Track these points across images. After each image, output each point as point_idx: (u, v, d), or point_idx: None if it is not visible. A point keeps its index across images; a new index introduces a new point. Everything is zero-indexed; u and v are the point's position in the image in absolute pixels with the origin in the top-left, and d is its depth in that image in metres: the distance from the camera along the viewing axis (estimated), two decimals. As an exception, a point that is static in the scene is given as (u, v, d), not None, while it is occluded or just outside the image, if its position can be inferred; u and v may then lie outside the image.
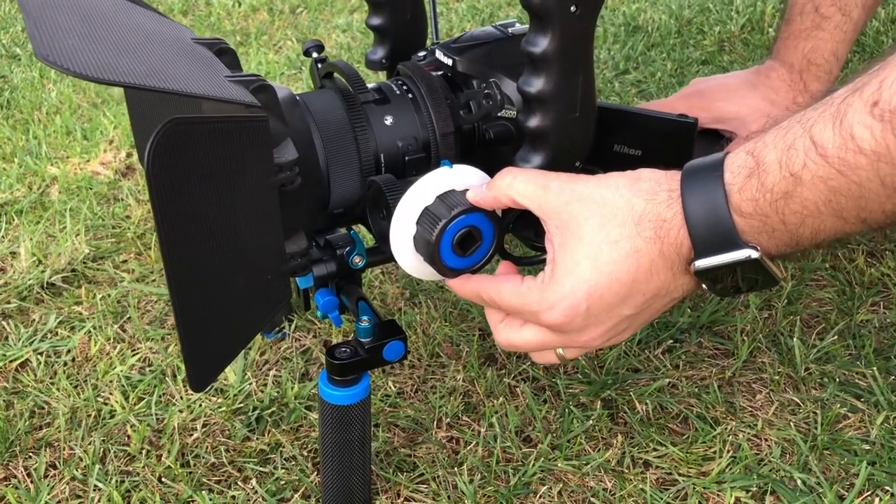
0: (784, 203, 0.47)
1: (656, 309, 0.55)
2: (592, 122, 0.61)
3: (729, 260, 0.50)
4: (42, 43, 0.43)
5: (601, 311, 0.53)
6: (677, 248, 0.51)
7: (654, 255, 0.51)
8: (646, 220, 0.51)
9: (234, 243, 0.51)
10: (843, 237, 0.49)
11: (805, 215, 0.47)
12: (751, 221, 0.49)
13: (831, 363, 0.81)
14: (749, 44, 1.45)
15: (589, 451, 0.74)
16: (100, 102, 1.49)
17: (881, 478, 0.69)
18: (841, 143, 0.44)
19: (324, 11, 1.86)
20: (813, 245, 0.50)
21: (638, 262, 0.51)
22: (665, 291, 0.53)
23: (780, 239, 0.49)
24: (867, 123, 0.43)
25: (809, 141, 0.46)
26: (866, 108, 0.43)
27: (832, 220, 0.47)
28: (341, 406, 0.64)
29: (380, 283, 0.96)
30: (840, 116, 0.44)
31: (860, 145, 0.43)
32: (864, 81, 0.44)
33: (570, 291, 0.52)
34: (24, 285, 0.99)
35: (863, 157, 0.44)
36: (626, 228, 0.52)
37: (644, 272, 0.52)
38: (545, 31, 0.56)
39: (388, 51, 0.74)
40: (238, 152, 0.49)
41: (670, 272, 0.52)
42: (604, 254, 0.52)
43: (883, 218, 0.46)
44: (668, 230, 0.51)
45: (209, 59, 0.57)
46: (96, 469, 0.75)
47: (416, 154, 0.63)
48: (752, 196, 0.48)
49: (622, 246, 0.51)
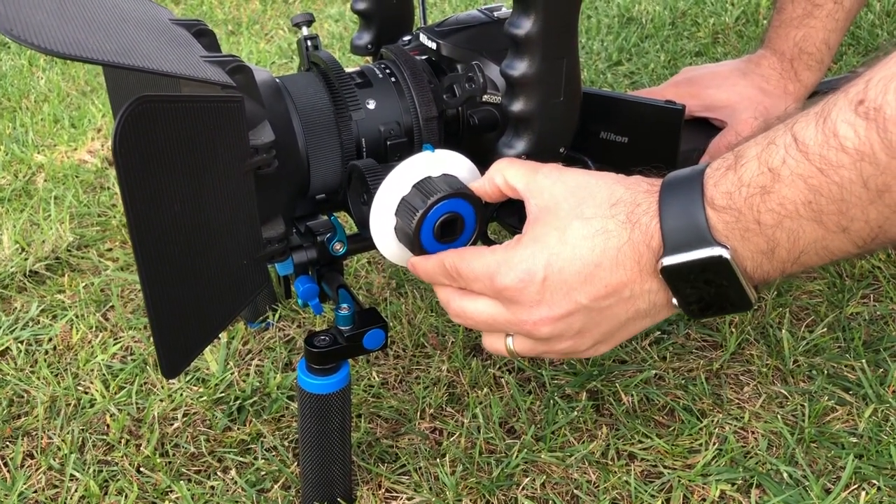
0: (760, 199, 0.45)
1: (616, 314, 0.52)
2: (577, 107, 0.60)
3: (697, 258, 0.47)
4: (6, 17, 0.42)
5: (557, 287, 0.51)
6: (647, 238, 0.49)
7: (623, 240, 0.50)
8: (621, 203, 0.50)
9: (208, 226, 0.50)
10: (824, 255, 0.46)
11: (783, 216, 0.45)
12: (723, 217, 0.47)
13: (820, 356, 0.80)
14: (743, 35, 1.44)
15: (573, 443, 0.73)
16: (88, 91, 1.47)
17: (868, 471, 0.68)
18: (823, 140, 0.43)
19: (316, 1, 1.84)
20: (792, 259, 0.47)
21: (605, 243, 0.50)
22: (629, 292, 0.51)
23: (755, 243, 0.47)
24: (851, 121, 0.41)
25: (791, 137, 0.44)
26: (851, 107, 0.42)
27: (811, 225, 0.44)
28: (320, 395, 0.63)
29: (366, 272, 0.95)
30: (824, 115, 0.43)
31: (843, 143, 0.42)
32: (852, 83, 0.43)
33: (530, 255, 0.51)
34: (6, 273, 0.98)
35: (845, 155, 0.42)
36: (601, 209, 0.50)
37: (610, 258, 0.50)
38: (528, 13, 0.55)
39: (373, 36, 0.72)
40: (212, 133, 0.48)
41: (637, 266, 0.50)
42: (573, 228, 0.51)
43: (866, 229, 0.43)
44: (640, 217, 0.49)
45: (186, 40, 0.56)
46: (73, 458, 0.74)
47: (399, 139, 0.62)
48: (727, 189, 0.46)
49: (592, 224, 0.50)
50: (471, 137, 0.65)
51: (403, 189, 0.56)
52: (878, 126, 0.40)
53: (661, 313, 0.53)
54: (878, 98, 0.40)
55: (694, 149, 0.77)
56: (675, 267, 0.48)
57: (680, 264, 0.48)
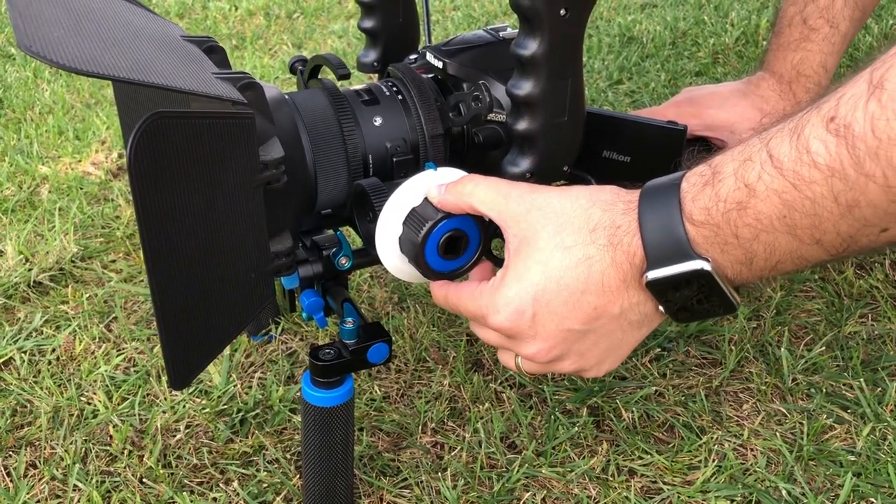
0: (737, 215, 0.46)
1: (611, 331, 0.53)
2: (581, 126, 0.61)
3: (679, 271, 0.48)
4: (25, 33, 0.43)
5: (548, 320, 0.52)
6: (630, 257, 0.50)
7: (607, 263, 0.50)
8: (601, 227, 0.51)
9: (218, 240, 0.50)
10: (800, 263, 0.47)
11: (759, 230, 0.46)
12: (702, 231, 0.48)
13: (818, 374, 0.81)
14: (743, 56, 1.45)
15: (574, 459, 0.74)
16: (93, 103, 1.49)
17: (866, 489, 0.69)
18: (797, 156, 0.44)
19: (320, 17, 1.86)
20: (769, 268, 0.48)
21: (589, 269, 0.50)
22: (619, 308, 0.52)
23: (734, 255, 0.48)
24: (822, 138, 0.42)
25: (766, 154, 0.45)
26: (823, 123, 0.43)
27: (787, 238, 0.46)
28: (324, 408, 0.63)
29: (368, 286, 0.96)
30: (798, 131, 0.44)
31: (815, 160, 0.43)
32: (824, 99, 0.44)
33: (515, 295, 0.52)
34: (9, 283, 0.98)
35: (817, 171, 0.43)
36: (581, 236, 0.51)
37: (595, 283, 0.51)
38: (535, 34, 0.56)
39: (379, 53, 0.74)
40: (223, 149, 0.49)
41: (622, 284, 0.51)
42: (555, 259, 0.51)
43: (838, 241, 0.45)
44: (622, 238, 0.50)
45: (197, 56, 0.57)
46: (76, 469, 0.74)
47: (405, 155, 0.63)
48: (705, 205, 0.47)
49: (574, 252, 0.51)
50: (475, 155, 0.65)
51: (407, 207, 0.57)
52: (847, 143, 0.41)
53: (654, 320, 0.54)
54: (848, 115, 0.41)
55: (694, 168, 0.78)
56: (659, 280, 0.49)
57: (664, 277, 0.49)
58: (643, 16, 1.66)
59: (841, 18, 0.82)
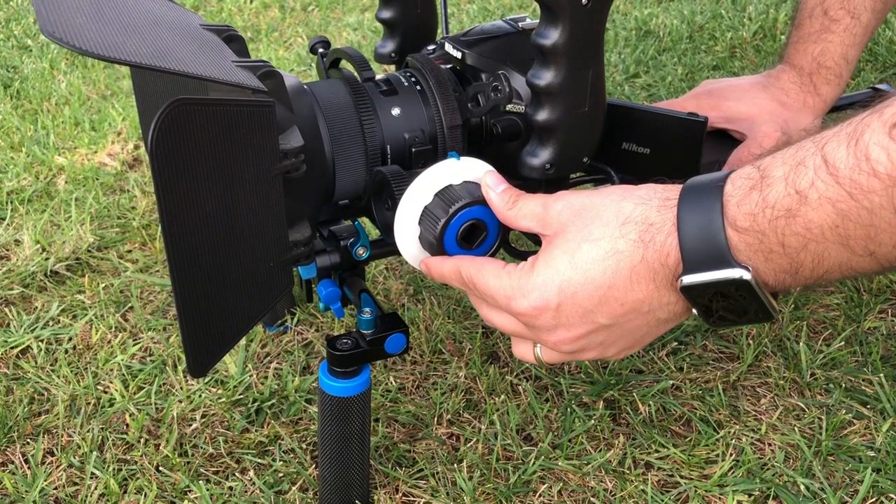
0: (785, 223, 0.44)
1: (638, 327, 0.52)
2: (601, 117, 0.61)
3: (717, 278, 0.46)
4: (48, 20, 0.43)
5: (573, 312, 0.51)
6: (663, 257, 0.48)
7: (636, 260, 0.49)
8: (631, 222, 0.50)
9: (237, 228, 0.50)
10: (848, 273, 0.45)
11: (808, 239, 0.44)
12: (746, 238, 0.46)
13: (837, 369, 0.80)
14: (761, 50, 1.44)
15: (590, 451, 0.74)
16: (109, 95, 1.49)
17: (886, 485, 0.68)
18: (854, 163, 0.41)
19: (335, 9, 1.86)
20: (815, 277, 0.46)
21: (617, 264, 0.49)
22: (647, 307, 0.50)
23: (778, 264, 0.46)
24: (884, 145, 0.40)
25: (821, 159, 0.43)
26: (885, 130, 0.41)
27: (837, 248, 0.43)
28: (341, 398, 0.63)
29: (384, 278, 0.96)
30: (856, 136, 0.42)
31: (875, 168, 0.41)
32: (886, 104, 0.42)
33: (542, 283, 0.51)
34: (26, 272, 0.99)
35: (877, 180, 0.41)
36: (609, 229, 0.50)
37: (623, 278, 0.49)
38: (556, 24, 0.56)
39: (397, 44, 0.73)
40: (243, 137, 0.49)
41: (653, 284, 0.49)
42: (582, 251, 0.50)
43: (893, 253, 0.42)
44: (654, 235, 0.49)
45: (217, 45, 0.57)
46: (94, 456, 0.75)
47: (423, 146, 0.63)
48: (751, 210, 0.45)
49: (602, 245, 0.50)
50: (494, 146, 0.65)
51: (428, 196, 0.57)
52: None
53: (683, 317, 0.53)
54: None
55: (715, 160, 0.77)
56: (695, 286, 0.48)
57: (700, 283, 0.47)
58: (660, 9, 1.65)
59: (863, 9, 0.81)
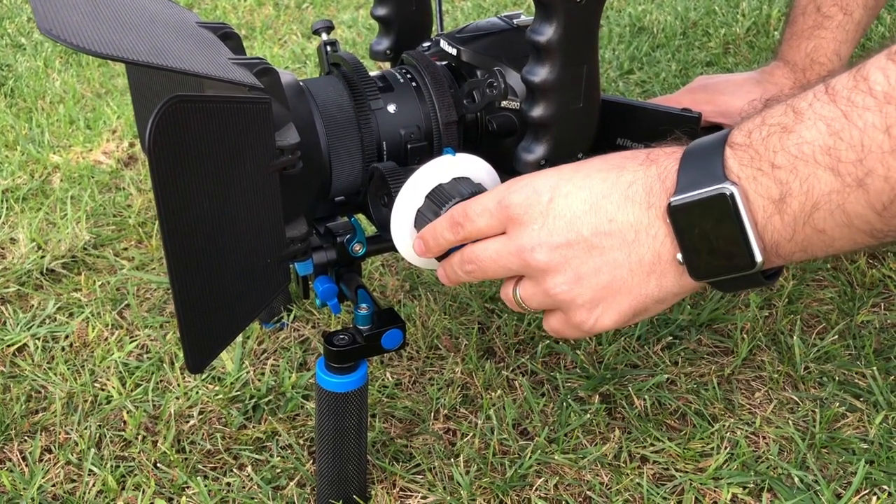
0: (778, 139, 0.44)
1: (617, 263, 0.50)
2: (596, 113, 0.61)
3: (704, 195, 0.46)
4: (45, 17, 0.43)
5: (561, 212, 0.50)
6: (662, 176, 0.49)
7: (638, 176, 0.50)
8: (642, 153, 0.51)
9: (234, 225, 0.51)
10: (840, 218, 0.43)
11: (797, 158, 0.44)
12: (738, 153, 0.46)
13: (831, 363, 0.81)
14: (754, 46, 1.45)
15: (586, 445, 0.74)
16: (103, 93, 1.49)
17: (879, 477, 0.69)
18: (853, 84, 0.42)
19: (329, 7, 1.86)
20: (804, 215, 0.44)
21: (619, 177, 0.50)
22: (633, 233, 0.49)
23: (766, 186, 0.45)
24: (883, 66, 0.41)
25: (823, 86, 0.44)
26: (886, 54, 0.41)
27: (827, 174, 0.43)
28: (338, 393, 0.63)
29: (380, 274, 0.96)
30: (860, 65, 0.43)
31: (872, 87, 0.41)
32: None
33: (541, 176, 0.52)
34: (22, 271, 0.99)
35: (872, 98, 0.41)
36: (619, 157, 0.52)
37: (620, 192, 0.50)
38: (550, 21, 0.56)
39: (392, 41, 0.74)
40: (240, 134, 0.49)
41: (645, 203, 0.49)
42: (590, 162, 0.52)
43: (886, 189, 0.41)
44: (659, 157, 0.50)
45: (213, 42, 0.57)
46: (91, 454, 0.75)
47: (419, 142, 0.63)
48: (748, 128, 0.46)
49: (609, 161, 0.52)
50: (489, 143, 0.66)
51: (424, 192, 0.57)
52: None
53: (667, 275, 0.50)
54: None
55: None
56: (681, 205, 0.47)
57: (687, 202, 0.47)
58: (653, 6, 1.65)
59: (855, 6, 0.82)
